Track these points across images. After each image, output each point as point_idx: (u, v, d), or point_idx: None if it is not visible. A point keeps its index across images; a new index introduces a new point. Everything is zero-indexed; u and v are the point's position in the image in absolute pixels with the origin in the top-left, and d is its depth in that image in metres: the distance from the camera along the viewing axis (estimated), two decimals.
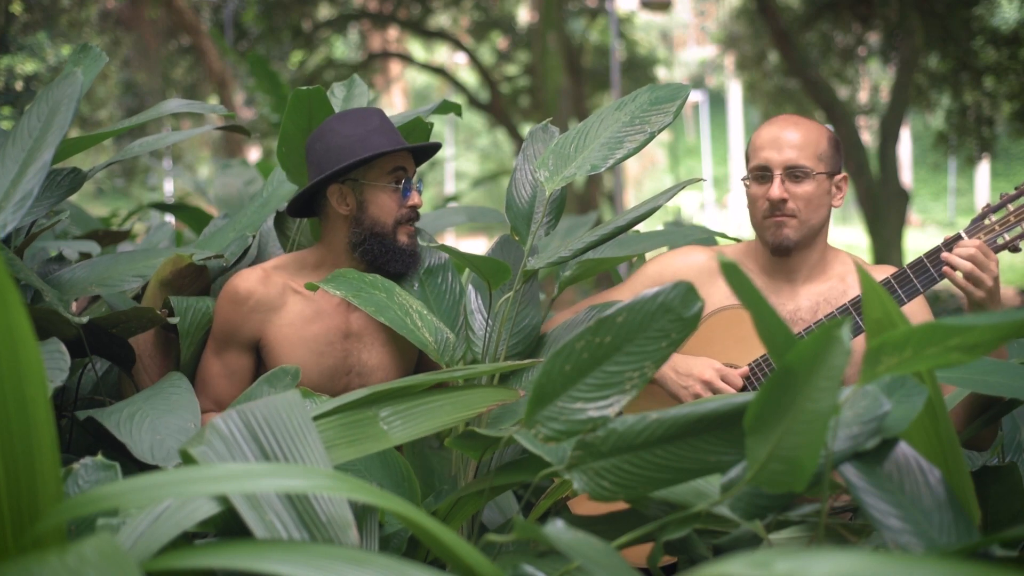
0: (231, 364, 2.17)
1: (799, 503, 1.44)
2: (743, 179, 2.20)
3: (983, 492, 1.46)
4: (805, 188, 2.13)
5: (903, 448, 1.24)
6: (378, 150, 2.15)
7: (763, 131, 2.19)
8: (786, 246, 2.14)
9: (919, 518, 1.18)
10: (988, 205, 2.07)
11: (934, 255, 2.05)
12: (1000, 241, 2.04)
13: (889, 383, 1.30)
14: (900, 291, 2.06)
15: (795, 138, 2.15)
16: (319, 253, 2.25)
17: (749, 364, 2.13)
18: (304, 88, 2.35)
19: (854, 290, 2.16)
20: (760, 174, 2.15)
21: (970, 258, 1.99)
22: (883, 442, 1.24)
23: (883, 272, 2.13)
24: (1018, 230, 2.04)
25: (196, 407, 1.86)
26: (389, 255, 2.18)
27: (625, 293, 2.24)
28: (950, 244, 2.05)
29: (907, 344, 1.13)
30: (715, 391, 2.08)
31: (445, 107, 2.77)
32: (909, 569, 0.91)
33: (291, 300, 2.18)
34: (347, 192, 2.19)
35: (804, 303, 2.16)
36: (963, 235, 2.05)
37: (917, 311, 2.12)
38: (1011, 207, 2.05)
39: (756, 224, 2.18)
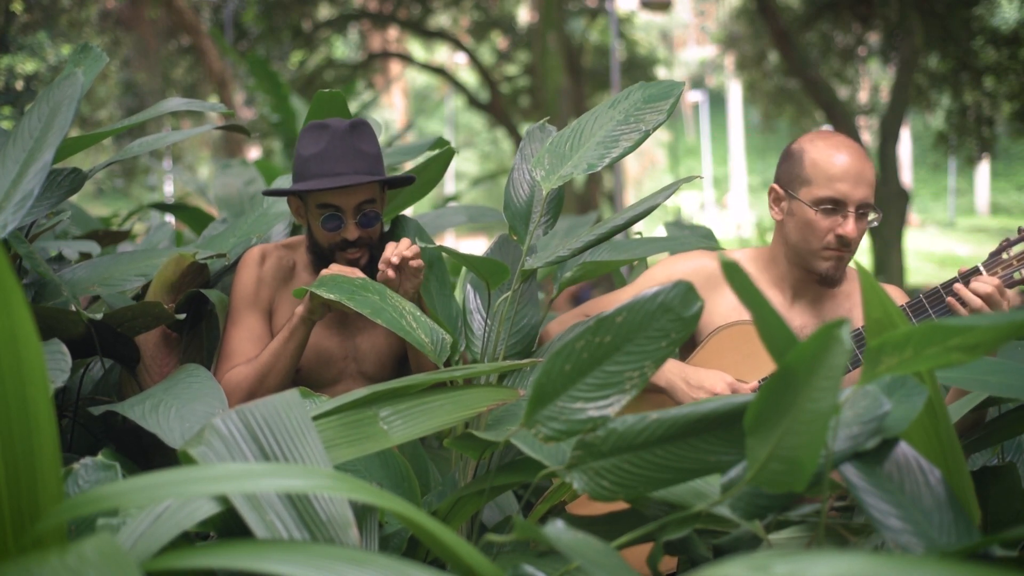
0: (254, 328, 2.18)
1: (799, 503, 1.44)
2: (799, 202, 2.09)
3: (983, 492, 1.45)
4: (863, 225, 2.10)
5: (903, 448, 1.24)
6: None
7: (834, 157, 2.08)
8: (838, 279, 2.12)
9: (919, 518, 1.18)
10: (1007, 240, 2.03)
11: (949, 286, 2.02)
12: (1017, 276, 2.01)
13: (889, 383, 1.30)
14: (913, 320, 2.02)
15: (869, 174, 2.09)
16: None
17: (760, 380, 2.11)
18: (325, 92, 2.36)
19: (860, 310, 2.15)
20: (831, 208, 2.07)
21: (986, 296, 1.97)
22: (883, 442, 1.24)
23: (895, 296, 2.08)
24: None
25: (220, 393, 1.86)
26: (325, 266, 2.16)
27: (629, 296, 2.22)
28: (967, 277, 2.01)
29: (907, 344, 1.13)
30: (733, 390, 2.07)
31: (438, 143, 2.77)
32: (909, 570, 0.91)
33: (296, 279, 2.24)
34: (299, 206, 2.23)
35: (810, 320, 2.16)
36: (981, 269, 2.02)
37: None
38: None
39: (807, 251, 2.10)
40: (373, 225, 2.17)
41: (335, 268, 2.09)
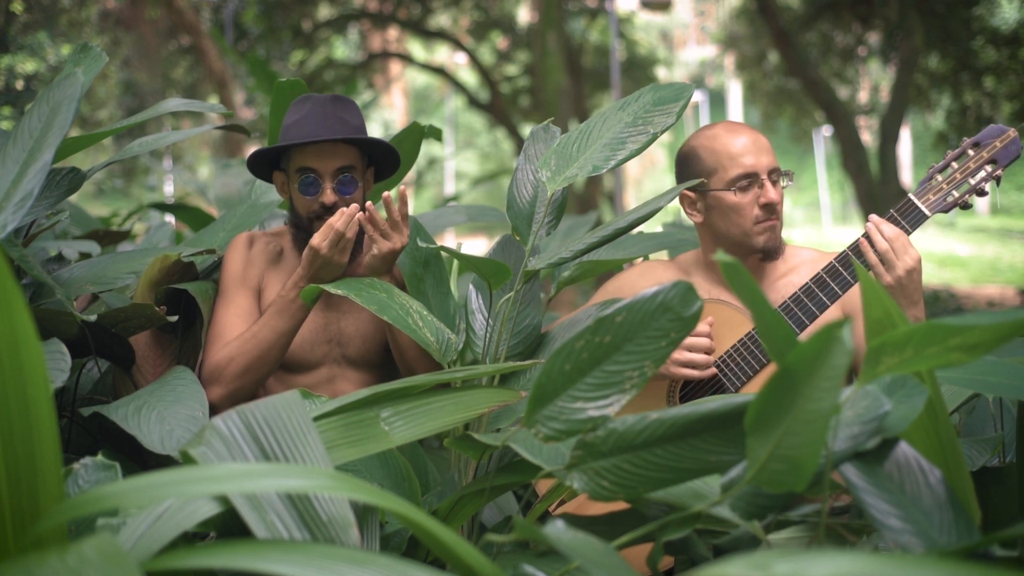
0: (243, 306, 2.19)
1: (799, 503, 1.44)
2: (714, 193, 2.13)
3: (983, 492, 1.45)
4: (779, 189, 2.15)
5: (903, 448, 1.24)
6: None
7: (730, 139, 2.15)
8: (777, 247, 2.16)
9: (919, 518, 1.18)
10: (933, 165, 2.08)
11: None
12: (949, 199, 2.04)
13: (889, 383, 1.30)
14: (845, 273, 2.06)
15: (764, 141, 2.16)
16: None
17: (721, 356, 2.12)
18: (284, 80, 2.38)
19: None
20: (746, 184, 2.12)
21: (889, 240, 2.00)
22: (883, 442, 1.24)
23: (827, 258, 2.16)
24: (966, 186, 2.05)
25: (203, 397, 1.86)
26: (305, 243, 2.19)
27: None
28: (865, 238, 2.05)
29: (907, 344, 1.13)
30: (689, 347, 2.08)
31: (431, 131, 2.77)
32: (909, 570, 0.91)
33: (284, 262, 2.26)
34: (284, 181, 2.25)
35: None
36: (912, 198, 2.06)
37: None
38: (955, 165, 2.05)
39: (741, 233, 2.15)
40: (351, 192, 2.18)
41: (317, 237, 2.09)
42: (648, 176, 25.39)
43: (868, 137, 15.89)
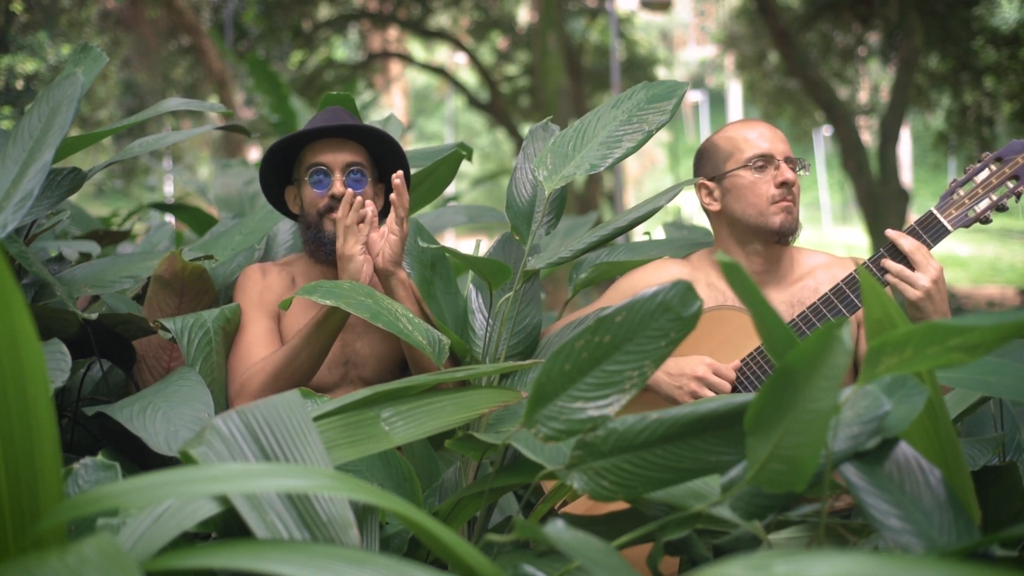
0: (263, 326, 2.20)
1: (799, 503, 1.44)
2: (731, 176, 2.17)
3: (983, 492, 1.45)
4: (795, 177, 2.18)
5: (903, 448, 1.24)
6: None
7: (747, 127, 2.21)
8: (793, 229, 2.17)
9: (919, 518, 1.18)
10: (955, 180, 2.09)
11: (881, 254, 2.08)
12: (971, 214, 2.06)
13: (889, 383, 1.30)
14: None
15: (781, 134, 2.22)
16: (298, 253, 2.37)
17: (740, 360, 2.12)
18: (333, 94, 2.40)
19: (824, 287, 2.17)
20: (762, 164, 2.16)
21: (908, 253, 2.02)
22: (883, 442, 1.24)
23: (850, 265, 2.17)
24: (987, 202, 2.06)
25: (208, 397, 1.86)
26: (315, 243, 2.21)
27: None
28: (889, 253, 2.06)
29: (907, 344, 1.13)
30: (709, 385, 2.08)
31: (460, 150, 2.75)
32: (909, 570, 0.91)
33: (297, 289, 2.23)
34: (295, 193, 2.28)
35: (778, 307, 2.16)
36: (934, 212, 2.07)
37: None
38: (977, 180, 2.07)
39: (757, 213, 2.16)
40: (360, 189, 2.20)
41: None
42: (648, 176, 25.38)
43: (868, 137, 15.88)
